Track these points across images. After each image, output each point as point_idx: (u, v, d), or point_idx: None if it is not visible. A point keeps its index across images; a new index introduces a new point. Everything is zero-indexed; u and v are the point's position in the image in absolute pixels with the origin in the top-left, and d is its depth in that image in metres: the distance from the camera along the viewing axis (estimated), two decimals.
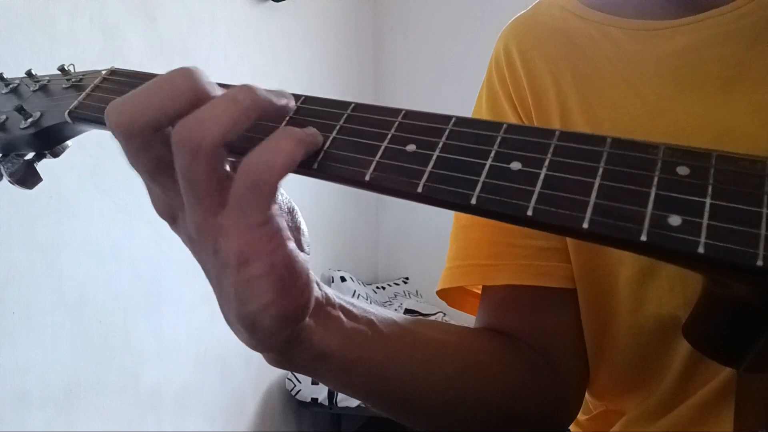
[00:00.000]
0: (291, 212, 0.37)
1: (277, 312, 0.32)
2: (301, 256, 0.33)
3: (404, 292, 2.88)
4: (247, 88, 0.31)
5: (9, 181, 0.40)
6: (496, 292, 0.54)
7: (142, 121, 0.31)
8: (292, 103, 0.33)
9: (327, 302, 0.37)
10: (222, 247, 0.31)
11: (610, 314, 0.50)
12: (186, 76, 0.32)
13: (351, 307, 0.39)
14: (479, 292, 0.57)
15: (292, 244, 0.32)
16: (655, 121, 0.46)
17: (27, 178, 0.40)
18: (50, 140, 0.41)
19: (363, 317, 0.40)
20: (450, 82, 2.83)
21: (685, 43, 0.46)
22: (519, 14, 0.58)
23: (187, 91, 0.31)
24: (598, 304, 0.51)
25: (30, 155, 0.42)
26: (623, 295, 0.48)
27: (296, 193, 0.36)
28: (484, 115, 0.57)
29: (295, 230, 0.36)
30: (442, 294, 0.58)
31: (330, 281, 2.62)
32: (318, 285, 0.37)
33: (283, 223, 0.32)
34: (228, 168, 0.32)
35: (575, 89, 0.51)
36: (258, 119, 0.31)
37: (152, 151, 0.32)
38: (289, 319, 0.33)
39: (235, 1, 2.11)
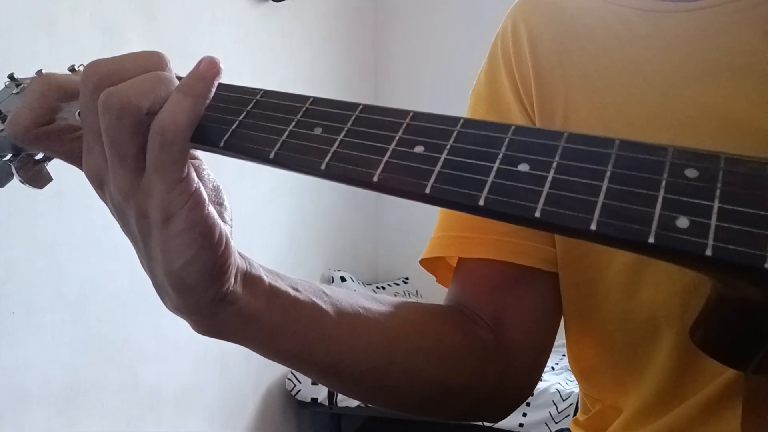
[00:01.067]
0: (215, 189, 0.39)
1: (199, 266, 0.35)
2: (220, 223, 0.36)
3: (404, 292, 2.88)
4: (157, 53, 0.37)
5: (20, 181, 0.41)
6: (470, 265, 0.54)
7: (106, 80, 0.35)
8: (216, 69, 0.36)
9: (250, 267, 0.40)
10: (146, 207, 0.35)
11: (599, 300, 0.49)
12: (144, 56, 0.37)
13: (276, 275, 0.42)
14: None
15: (210, 208, 0.36)
16: (662, 107, 0.46)
17: (37, 177, 0.41)
18: None
19: (288, 281, 0.42)
20: (450, 81, 2.83)
21: (698, 28, 0.46)
22: None
23: (136, 64, 0.36)
24: (585, 290, 0.50)
25: (40, 155, 0.42)
26: (615, 280, 0.48)
27: (296, 193, 0.37)
28: (482, 89, 0.56)
29: (218, 205, 0.39)
30: (427, 266, 0.58)
31: (330, 281, 2.62)
32: (242, 256, 0.39)
33: (200, 185, 0.35)
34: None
35: (582, 70, 0.50)
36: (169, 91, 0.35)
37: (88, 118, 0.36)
38: (213, 275, 0.36)
39: (235, 1, 2.11)
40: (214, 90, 0.36)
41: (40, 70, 0.43)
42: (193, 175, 0.35)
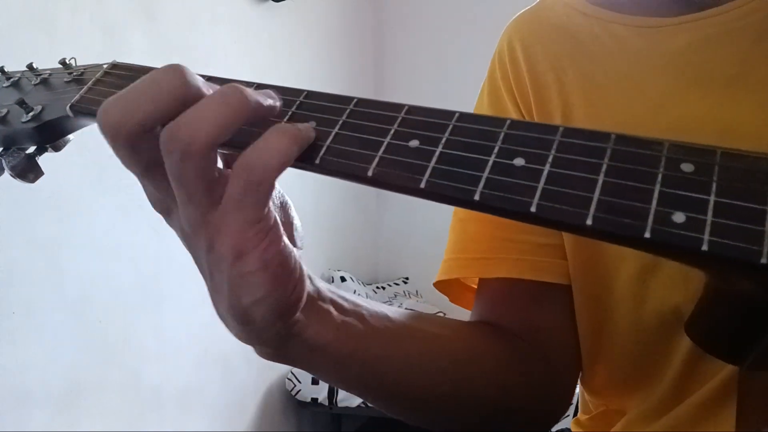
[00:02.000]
0: (284, 206, 0.37)
1: (270, 306, 0.32)
2: (294, 251, 0.34)
3: (404, 292, 2.88)
4: (234, 88, 0.31)
5: (10, 175, 0.40)
6: (492, 285, 0.54)
7: (130, 124, 0.31)
8: (279, 104, 0.33)
9: (319, 297, 0.38)
10: (216, 243, 0.32)
11: (609, 311, 0.50)
12: (173, 76, 0.31)
13: (342, 302, 0.40)
14: (476, 287, 0.57)
15: (285, 240, 0.33)
16: (659, 118, 0.46)
17: (28, 171, 0.40)
18: (51, 134, 0.41)
19: (355, 311, 0.40)
20: (450, 80, 2.83)
21: (689, 40, 0.46)
22: (523, 10, 0.58)
23: (174, 91, 0.31)
24: (595, 302, 0.51)
25: (31, 149, 0.42)
26: (623, 292, 0.48)
27: (296, 192, 0.37)
28: (485, 110, 0.57)
29: (288, 225, 0.37)
30: (440, 286, 0.58)
31: (330, 281, 2.62)
32: (311, 279, 0.37)
33: (277, 219, 0.32)
34: (221, 164, 0.32)
35: (578, 85, 0.51)
36: (247, 121, 0.31)
37: (142, 152, 0.32)
38: (282, 314, 0.34)
39: (235, 1, 2.11)
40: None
41: (31, 64, 0.42)
42: (273, 210, 0.32)
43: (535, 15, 0.56)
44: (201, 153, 0.30)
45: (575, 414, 0.64)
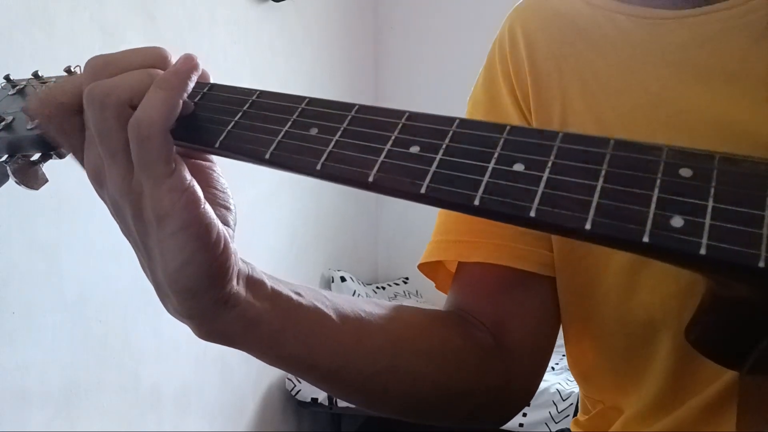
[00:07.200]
0: (223, 192, 0.40)
1: (197, 267, 0.35)
2: (216, 220, 0.36)
3: (404, 292, 2.89)
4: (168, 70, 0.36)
5: (15, 182, 0.41)
6: (469, 269, 0.54)
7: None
8: (192, 64, 0.36)
9: (252, 271, 0.39)
10: (141, 206, 0.35)
11: (596, 303, 0.50)
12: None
13: (277, 280, 0.41)
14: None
15: (206, 207, 0.35)
16: (658, 110, 0.46)
17: (33, 179, 0.41)
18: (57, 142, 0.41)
19: (289, 286, 0.42)
20: (450, 81, 2.83)
21: (691, 35, 0.46)
22: None
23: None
24: (583, 294, 0.50)
25: (36, 156, 0.42)
26: (612, 283, 0.48)
27: (296, 193, 0.37)
28: (480, 98, 0.57)
29: (224, 208, 0.39)
30: (425, 270, 0.58)
31: (330, 281, 2.62)
32: (243, 260, 0.39)
33: (193, 183, 0.35)
34: None
35: (578, 74, 0.51)
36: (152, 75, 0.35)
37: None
38: (211, 276, 0.35)
39: (235, 1, 2.11)
40: (191, 84, 0.36)
41: (36, 72, 0.43)
42: (185, 172, 0.35)
43: (539, 2, 0.56)
44: (113, 103, 0.34)
45: (575, 414, 0.64)
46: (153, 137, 0.33)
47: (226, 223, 0.38)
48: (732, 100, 0.44)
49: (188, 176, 0.35)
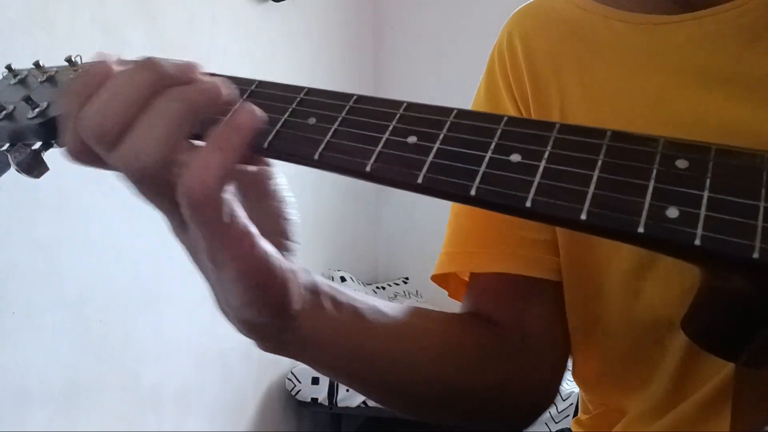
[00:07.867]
0: (281, 202, 0.38)
1: (258, 308, 0.35)
2: (275, 259, 0.34)
3: (404, 292, 2.88)
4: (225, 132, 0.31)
5: (16, 170, 0.41)
6: (483, 279, 0.55)
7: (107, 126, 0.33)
8: (256, 120, 0.33)
9: (315, 293, 0.40)
10: (197, 252, 0.34)
11: (601, 308, 0.50)
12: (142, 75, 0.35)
13: (339, 296, 0.42)
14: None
15: (262, 246, 0.33)
16: (657, 112, 0.47)
17: (34, 167, 0.41)
18: (57, 130, 0.41)
19: (350, 306, 0.42)
20: (450, 80, 2.83)
21: (687, 37, 0.47)
22: (524, 4, 0.58)
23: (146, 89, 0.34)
24: (588, 298, 0.51)
25: (37, 145, 0.42)
26: (616, 288, 0.48)
27: (296, 192, 0.37)
28: (482, 102, 0.58)
29: (283, 219, 0.38)
30: (438, 281, 0.59)
31: (330, 281, 2.61)
32: (308, 274, 0.39)
33: (248, 227, 0.33)
34: None
35: (577, 79, 0.51)
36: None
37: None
38: (274, 313, 0.36)
39: (235, 1, 2.11)
40: (249, 144, 0.32)
41: (38, 62, 0.43)
42: (239, 221, 0.32)
43: (536, 8, 0.57)
44: (149, 174, 0.32)
45: (575, 414, 0.64)
46: (208, 204, 0.30)
47: (286, 236, 0.38)
48: (730, 101, 0.44)
49: (242, 224, 0.32)
